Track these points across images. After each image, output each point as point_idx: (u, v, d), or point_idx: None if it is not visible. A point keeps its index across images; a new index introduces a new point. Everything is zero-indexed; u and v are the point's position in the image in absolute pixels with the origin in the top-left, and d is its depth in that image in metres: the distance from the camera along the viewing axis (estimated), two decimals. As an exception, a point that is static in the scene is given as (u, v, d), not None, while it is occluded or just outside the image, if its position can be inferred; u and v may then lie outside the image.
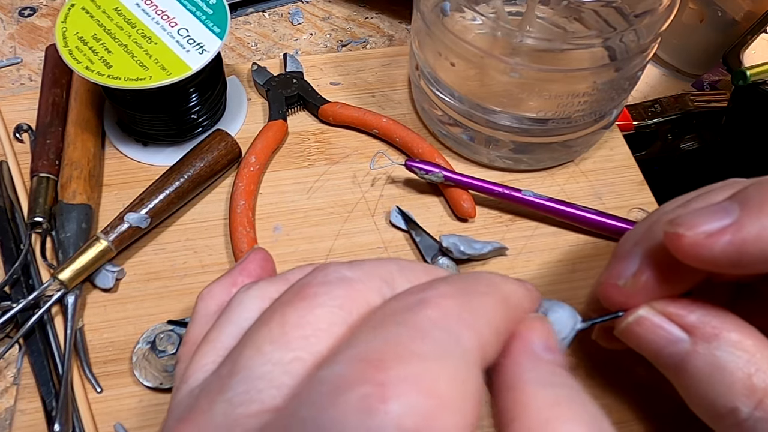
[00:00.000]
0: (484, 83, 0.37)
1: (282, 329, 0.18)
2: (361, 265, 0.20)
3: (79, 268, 0.34)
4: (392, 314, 0.18)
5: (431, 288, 0.18)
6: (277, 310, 0.19)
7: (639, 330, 0.26)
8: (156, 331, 0.34)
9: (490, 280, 0.20)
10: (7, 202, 0.39)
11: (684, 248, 0.23)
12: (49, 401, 0.32)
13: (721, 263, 0.23)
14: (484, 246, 0.37)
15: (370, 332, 0.17)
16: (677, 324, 0.25)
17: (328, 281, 0.19)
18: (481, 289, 0.19)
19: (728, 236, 0.22)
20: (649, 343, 0.26)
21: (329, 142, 0.43)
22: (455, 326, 0.17)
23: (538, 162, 0.41)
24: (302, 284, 0.20)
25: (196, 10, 0.39)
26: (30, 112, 0.43)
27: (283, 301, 0.20)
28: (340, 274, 0.20)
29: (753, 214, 0.22)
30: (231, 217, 0.38)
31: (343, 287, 0.19)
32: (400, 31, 0.52)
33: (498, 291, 0.20)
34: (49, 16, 0.52)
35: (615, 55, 0.35)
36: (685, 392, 0.26)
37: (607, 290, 0.27)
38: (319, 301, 0.19)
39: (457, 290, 0.18)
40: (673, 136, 0.47)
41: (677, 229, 0.23)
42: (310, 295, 0.19)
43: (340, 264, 0.20)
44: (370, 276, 0.20)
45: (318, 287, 0.19)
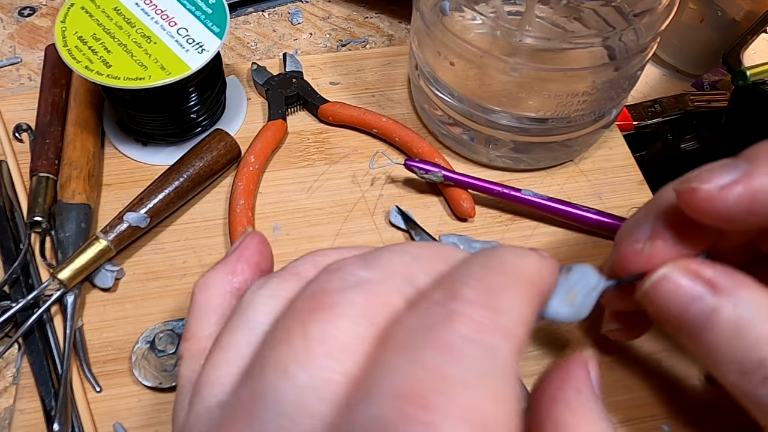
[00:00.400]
0: (484, 83, 0.37)
1: (306, 346, 0.17)
2: (377, 261, 0.19)
3: (78, 267, 0.34)
4: (422, 332, 0.16)
5: (457, 296, 0.17)
6: (296, 323, 0.18)
7: (663, 288, 0.25)
8: (155, 331, 0.34)
9: (511, 262, 0.19)
10: (6, 201, 0.39)
11: (698, 202, 0.23)
12: (49, 401, 0.32)
13: (735, 215, 0.23)
14: (483, 245, 0.37)
15: (402, 357, 0.16)
16: (701, 280, 0.24)
17: (346, 287, 0.18)
18: (506, 281, 0.18)
19: (740, 187, 0.23)
20: (673, 301, 0.25)
21: (329, 141, 0.43)
22: (490, 338, 0.16)
23: (538, 161, 0.41)
24: (319, 290, 0.19)
25: (195, 10, 0.39)
26: (29, 111, 0.43)
27: (301, 310, 0.18)
28: (357, 276, 0.19)
29: (762, 166, 0.23)
30: (230, 217, 0.38)
31: (363, 292, 0.18)
32: (400, 30, 0.52)
33: (522, 275, 0.19)
34: (49, 16, 0.52)
35: (614, 54, 0.35)
36: (709, 354, 0.25)
37: (626, 257, 0.26)
38: (340, 311, 0.18)
39: (483, 291, 0.17)
40: (673, 136, 0.47)
41: (690, 185, 0.23)
42: (330, 304, 0.18)
43: (355, 262, 0.19)
44: (389, 274, 0.19)
45: (337, 294, 0.18)
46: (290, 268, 0.22)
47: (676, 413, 0.33)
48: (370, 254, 0.20)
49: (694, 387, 0.34)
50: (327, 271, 0.19)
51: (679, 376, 0.34)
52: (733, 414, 0.33)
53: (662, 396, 0.33)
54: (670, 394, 0.33)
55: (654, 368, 0.34)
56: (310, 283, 0.20)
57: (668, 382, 0.34)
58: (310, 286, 0.19)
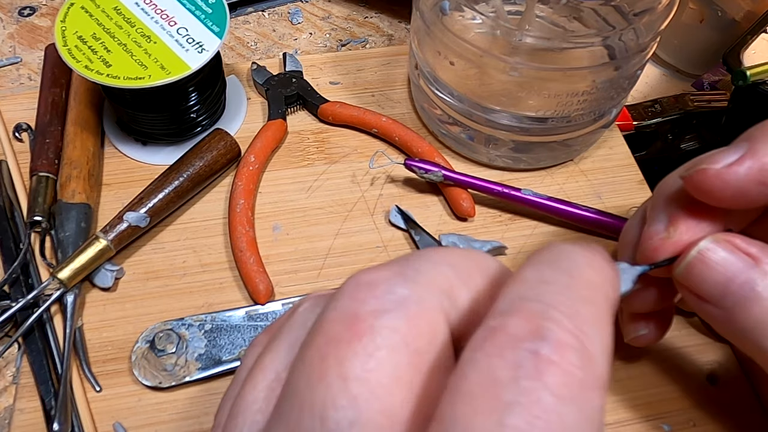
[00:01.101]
0: (484, 82, 0.37)
1: (344, 385, 0.15)
2: (415, 273, 0.17)
3: (78, 267, 0.34)
4: (506, 383, 0.14)
5: (544, 335, 0.15)
6: (330, 356, 0.16)
7: (705, 261, 0.24)
8: (155, 330, 0.34)
9: (591, 279, 0.17)
10: (6, 201, 0.39)
11: (709, 182, 0.23)
12: (48, 400, 0.32)
13: (747, 189, 0.23)
14: (483, 245, 0.37)
15: (486, 418, 0.14)
16: (742, 252, 0.24)
17: (383, 308, 0.16)
18: (593, 311, 0.16)
19: (748, 161, 0.23)
20: (715, 275, 0.24)
21: (328, 141, 0.43)
22: (588, 395, 0.14)
23: (538, 161, 0.41)
24: (351, 312, 0.17)
25: (195, 9, 0.39)
26: (29, 111, 0.43)
27: (333, 336, 0.16)
28: (395, 294, 0.17)
29: (761, 142, 0.23)
30: (230, 216, 0.38)
31: (403, 314, 0.16)
32: (400, 30, 0.52)
33: (603, 297, 0.17)
34: (49, 16, 0.52)
35: (614, 53, 0.35)
36: (754, 328, 0.24)
37: (654, 247, 0.26)
38: (379, 340, 0.16)
39: (574, 330, 0.15)
40: (673, 136, 0.47)
41: (699, 167, 0.24)
42: (366, 330, 0.16)
43: (391, 276, 0.17)
44: (429, 290, 0.17)
45: (373, 318, 0.16)
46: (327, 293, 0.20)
47: (676, 413, 0.33)
48: (406, 263, 0.18)
49: (694, 387, 0.34)
50: (358, 286, 0.17)
51: (679, 376, 0.34)
52: (733, 414, 0.33)
53: (662, 396, 0.33)
54: (670, 394, 0.33)
55: (654, 368, 0.34)
56: (339, 298, 0.17)
57: (668, 382, 0.34)
58: (341, 302, 0.17)
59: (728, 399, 0.33)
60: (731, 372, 0.34)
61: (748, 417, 0.33)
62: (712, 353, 0.35)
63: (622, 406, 0.33)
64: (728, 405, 0.33)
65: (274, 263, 0.37)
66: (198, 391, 0.33)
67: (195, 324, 0.34)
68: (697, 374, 0.34)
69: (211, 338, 0.34)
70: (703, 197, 0.24)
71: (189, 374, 0.33)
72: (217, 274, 0.37)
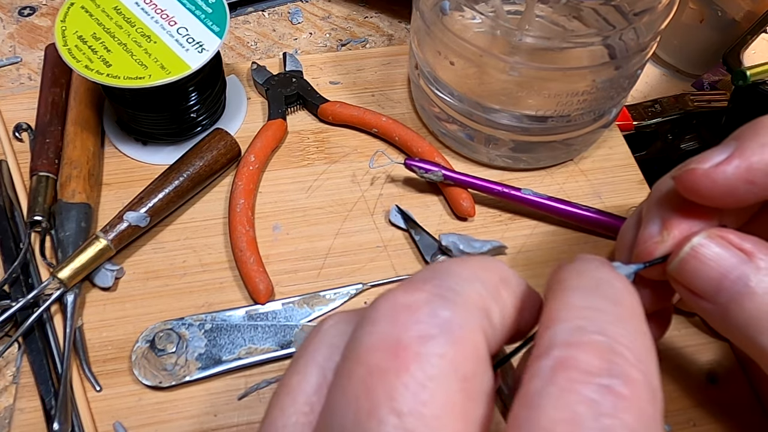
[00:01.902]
0: (484, 82, 0.37)
1: (399, 421, 0.15)
2: (454, 297, 0.17)
3: (78, 266, 0.34)
4: (585, 420, 0.14)
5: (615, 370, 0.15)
6: (376, 385, 0.15)
7: (698, 257, 0.24)
8: (155, 330, 0.34)
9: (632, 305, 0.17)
10: (6, 201, 0.39)
11: (698, 181, 0.24)
12: (49, 400, 0.32)
13: (735, 187, 0.23)
14: (483, 245, 0.37)
15: None
16: (734, 247, 0.24)
17: (429, 333, 0.16)
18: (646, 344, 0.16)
19: (735, 160, 0.23)
20: (709, 270, 0.24)
21: (329, 141, 0.43)
22: (655, 426, 0.15)
23: (538, 161, 0.41)
24: (394, 339, 0.16)
25: (195, 9, 0.39)
26: (29, 111, 0.43)
27: (377, 367, 0.16)
28: (438, 318, 0.16)
29: (748, 140, 0.23)
30: (230, 216, 0.38)
31: (449, 339, 0.16)
32: (400, 30, 0.52)
33: (644, 322, 0.17)
34: (49, 16, 0.52)
35: (614, 53, 0.35)
36: (747, 324, 0.24)
37: (648, 252, 0.26)
38: (429, 370, 0.15)
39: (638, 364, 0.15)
40: (673, 136, 0.47)
41: (688, 167, 0.24)
42: (413, 358, 0.15)
43: (430, 300, 0.17)
44: (470, 312, 0.17)
45: (419, 345, 0.16)
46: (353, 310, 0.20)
47: (676, 413, 0.33)
48: (440, 283, 0.17)
49: (694, 387, 0.34)
50: (396, 310, 0.17)
51: (679, 375, 0.34)
52: (733, 414, 0.33)
53: (662, 396, 0.33)
54: (670, 394, 0.33)
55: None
56: (376, 322, 0.17)
57: (668, 382, 0.34)
58: (380, 328, 0.16)
59: (728, 399, 0.33)
60: (731, 372, 0.34)
61: (748, 417, 0.33)
62: (712, 353, 0.35)
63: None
64: (728, 405, 0.33)
65: (274, 263, 0.37)
66: (198, 391, 0.33)
67: (195, 324, 0.34)
68: (697, 374, 0.34)
69: (211, 338, 0.34)
70: (693, 197, 0.24)
71: (189, 374, 0.33)
72: (217, 274, 0.37)
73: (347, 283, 0.37)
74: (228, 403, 0.33)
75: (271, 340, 0.34)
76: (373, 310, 0.17)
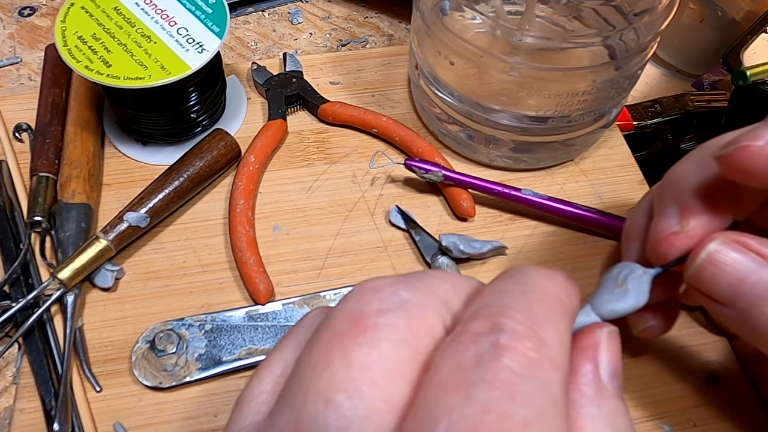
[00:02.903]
0: (484, 82, 0.37)
1: (348, 372, 0.16)
2: (416, 284, 0.19)
3: (78, 267, 0.34)
4: (472, 368, 0.16)
5: (502, 328, 0.16)
6: (336, 347, 0.17)
7: (715, 264, 0.24)
8: (155, 331, 0.34)
9: (544, 286, 0.18)
10: (6, 201, 0.39)
11: (751, 159, 0.23)
12: (49, 400, 0.32)
13: None
14: (483, 245, 0.37)
15: (456, 395, 0.15)
16: (752, 252, 0.24)
17: (387, 308, 0.17)
18: (545, 309, 0.17)
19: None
20: (727, 276, 0.24)
21: (329, 141, 0.43)
22: (543, 373, 0.16)
23: (538, 161, 0.41)
24: (357, 311, 0.18)
25: (195, 10, 0.39)
26: (29, 111, 0.43)
27: (340, 332, 0.17)
28: (398, 297, 0.18)
29: None
30: (230, 216, 0.38)
31: (404, 315, 0.17)
32: (400, 30, 0.52)
33: (557, 300, 0.18)
34: (49, 16, 0.52)
35: (615, 53, 0.35)
36: (766, 330, 0.24)
37: (665, 241, 0.26)
38: (381, 335, 0.17)
39: (527, 323, 0.16)
40: (673, 136, 0.47)
41: (738, 144, 0.23)
42: (370, 326, 0.17)
43: (395, 283, 0.18)
44: (430, 298, 0.18)
45: (377, 316, 0.17)
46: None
47: (676, 413, 0.33)
48: (409, 275, 0.19)
49: (694, 387, 0.34)
50: (363, 290, 0.18)
51: (680, 376, 0.34)
52: (734, 414, 0.33)
53: (662, 396, 0.33)
54: (670, 394, 0.33)
55: (654, 368, 0.34)
56: (345, 301, 0.19)
57: (668, 382, 0.34)
58: (347, 304, 0.18)
59: (728, 399, 0.33)
60: (731, 372, 0.34)
61: (749, 417, 0.33)
62: (712, 353, 0.35)
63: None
64: (728, 405, 0.33)
65: (275, 263, 0.37)
66: (198, 391, 0.33)
67: (195, 324, 0.34)
68: (697, 374, 0.34)
69: (211, 338, 0.34)
70: (741, 176, 0.24)
71: (189, 374, 0.33)
72: (218, 275, 0.37)
73: (347, 283, 0.37)
74: (228, 403, 0.33)
75: (272, 340, 0.34)
76: (345, 295, 0.19)
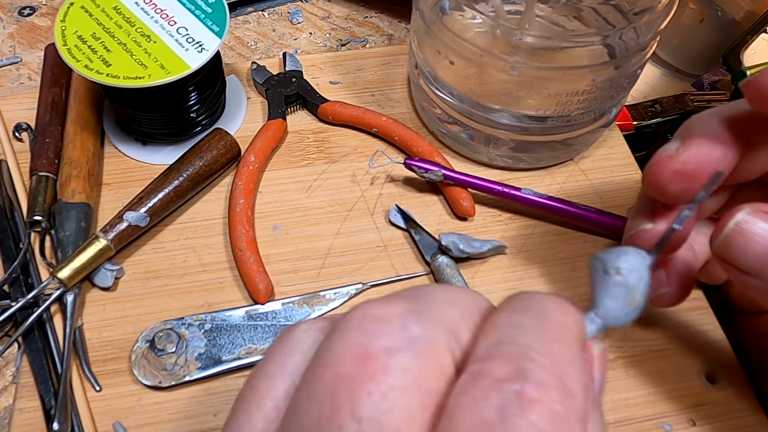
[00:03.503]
0: (484, 81, 0.37)
1: (358, 427, 0.15)
2: (425, 313, 0.17)
3: (78, 266, 0.34)
4: (493, 423, 0.15)
5: (525, 375, 0.15)
6: (340, 391, 0.16)
7: (745, 232, 0.24)
8: (155, 330, 0.34)
9: (563, 322, 0.18)
10: (6, 201, 0.39)
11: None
12: (48, 400, 0.32)
13: None
14: (483, 244, 0.37)
15: None
16: None
17: (396, 346, 0.16)
18: (567, 351, 0.17)
19: None
20: (757, 245, 0.24)
21: (328, 140, 0.43)
22: (567, 427, 0.15)
23: (538, 160, 0.41)
24: (362, 348, 0.16)
25: (195, 9, 0.39)
26: (29, 111, 0.43)
27: (344, 373, 0.16)
28: (407, 332, 0.17)
29: None
30: (230, 216, 0.38)
31: (415, 354, 0.16)
32: (400, 30, 0.52)
33: (574, 337, 0.18)
34: (49, 16, 0.52)
35: (614, 53, 0.35)
36: None
37: (660, 163, 0.26)
38: (392, 380, 0.16)
39: (552, 370, 0.16)
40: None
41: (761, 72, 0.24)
42: (380, 369, 0.16)
43: (402, 314, 0.17)
44: (439, 330, 0.17)
45: (386, 357, 0.16)
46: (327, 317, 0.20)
47: (676, 413, 0.33)
48: (416, 300, 0.18)
49: (694, 387, 0.34)
50: (367, 319, 0.17)
51: (679, 376, 0.34)
52: (733, 414, 0.33)
53: (662, 396, 0.33)
54: (670, 394, 0.33)
55: (654, 368, 0.34)
56: (346, 330, 0.17)
57: (668, 382, 0.34)
58: (350, 337, 0.17)
59: (728, 399, 0.33)
60: (731, 372, 0.34)
61: (748, 417, 0.33)
62: (712, 353, 0.35)
63: (622, 406, 0.33)
64: (728, 405, 0.33)
65: (274, 263, 0.37)
66: (198, 391, 0.33)
67: (195, 323, 0.34)
68: (697, 374, 0.34)
69: (211, 338, 0.34)
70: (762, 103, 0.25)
71: (189, 374, 0.33)
72: (217, 274, 0.37)
73: (347, 283, 0.37)
74: (228, 403, 0.33)
75: (271, 340, 0.34)
76: (345, 319, 0.18)
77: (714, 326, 0.36)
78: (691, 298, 0.36)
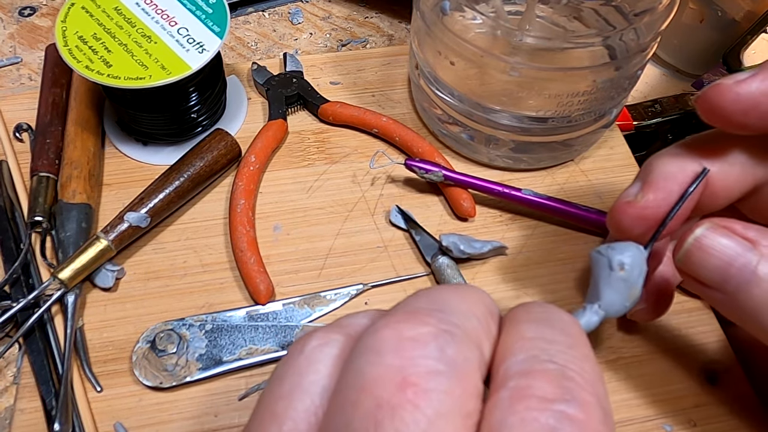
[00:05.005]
0: (484, 82, 0.37)
1: None
2: (456, 331, 0.17)
3: (79, 267, 0.34)
4: None
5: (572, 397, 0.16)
6: (385, 421, 0.15)
7: (703, 248, 0.25)
8: (156, 331, 0.34)
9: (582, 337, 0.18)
10: (7, 201, 0.39)
11: (722, 96, 0.25)
12: (49, 400, 0.32)
13: (759, 101, 0.24)
14: (483, 245, 0.37)
15: None
16: (738, 236, 0.24)
17: (436, 369, 0.16)
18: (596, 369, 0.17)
19: (761, 75, 0.25)
20: (714, 260, 0.24)
21: (329, 141, 0.43)
22: None
23: (538, 161, 0.41)
24: (401, 373, 0.16)
25: (195, 10, 0.39)
26: (30, 111, 0.43)
27: (385, 401, 0.16)
28: (444, 354, 0.16)
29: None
30: (231, 217, 0.38)
31: (452, 376, 0.16)
32: (400, 30, 0.52)
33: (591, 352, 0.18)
34: (49, 16, 0.52)
35: (615, 53, 0.35)
36: (753, 311, 0.24)
37: (620, 209, 0.27)
38: (435, 405, 0.15)
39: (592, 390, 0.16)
40: (673, 136, 0.47)
41: (719, 84, 0.25)
42: (420, 394, 0.16)
43: (437, 336, 0.17)
44: (470, 348, 0.17)
45: (425, 380, 0.16)
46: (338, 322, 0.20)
47: (676, 413, 0.33)
48: (444, 317, 0.18)
49: (694, 387, 0.34)
50: (404, 341, 0.17)
51: (679, 376, 0.34)
52: (734, 414, 0.33)
53: (662, 396, 0.33)
54: (670, 394, 0.34)
55: (654, 368, 0.34)
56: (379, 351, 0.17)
57: (668, 382, 0.34)
58: (386, 359, 0.16)
59: (728, 399, 0.33)
60: (731, 372, 0.34)
61: (749, 417, 0.33)
62: (712, 353, 0.35)
63: (622, 406, 0.33)
64: (728, 405, 0.33)
65: (275, 263, 0.37)
66: (199, 391, 0.33)
67: (196, 324, 0.34)
68: (697, 374, 0.34)
69: (211, 338, 0.34)
70: (714, 116, 0.25)
71: (190, 374, 0.33)
72: (218, 275, 0.37)
73: (348, 283, 0.37)
74: (228, 403, 0.33)
75: (272, 340, 0.34)
76: (374, 338, 0.17)
77: (714, 326, 0.36)
78: (692, 299, 0.36)
